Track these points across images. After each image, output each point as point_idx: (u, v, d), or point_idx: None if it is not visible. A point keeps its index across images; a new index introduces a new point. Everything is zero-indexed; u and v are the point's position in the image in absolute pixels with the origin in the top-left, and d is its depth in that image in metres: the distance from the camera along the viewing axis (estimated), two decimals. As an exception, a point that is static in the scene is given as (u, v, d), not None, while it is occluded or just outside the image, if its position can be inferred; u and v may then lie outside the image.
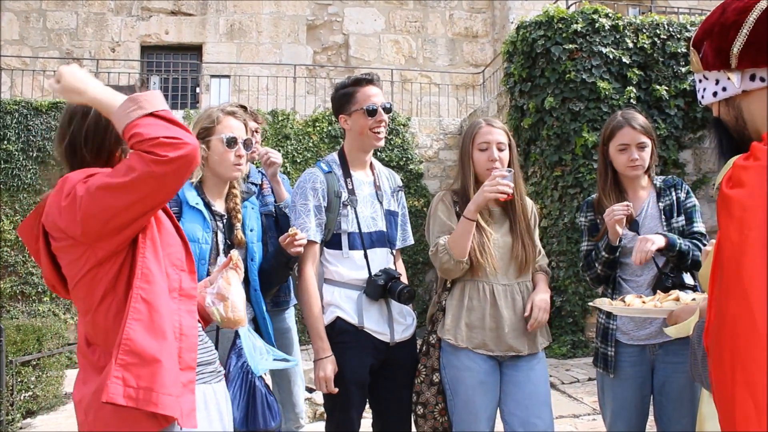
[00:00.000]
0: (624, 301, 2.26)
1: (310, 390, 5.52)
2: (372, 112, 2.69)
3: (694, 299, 1.94)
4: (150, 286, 1.62)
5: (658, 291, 2.31)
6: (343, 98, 2.76)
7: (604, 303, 2.33)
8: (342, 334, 2.63)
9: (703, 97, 1.27)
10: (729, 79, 1.19)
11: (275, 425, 2.22)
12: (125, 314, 1.57)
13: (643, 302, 2.19)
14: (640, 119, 2.77)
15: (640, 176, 2.78)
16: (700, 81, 1.28)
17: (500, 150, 2.66)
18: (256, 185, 3.30)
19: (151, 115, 1.53)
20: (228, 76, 13.68)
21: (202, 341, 1.95)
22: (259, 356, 2.24)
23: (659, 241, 2.55)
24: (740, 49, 1.15)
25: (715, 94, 1.23)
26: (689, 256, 2.61)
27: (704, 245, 2.64)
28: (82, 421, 1.64)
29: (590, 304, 2.51)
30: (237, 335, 2.27)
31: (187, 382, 1.66)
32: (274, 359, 2.29)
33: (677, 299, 2.00)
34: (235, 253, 2.26)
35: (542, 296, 2.65)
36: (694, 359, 1.29)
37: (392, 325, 2.69)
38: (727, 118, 1.24)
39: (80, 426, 1.67)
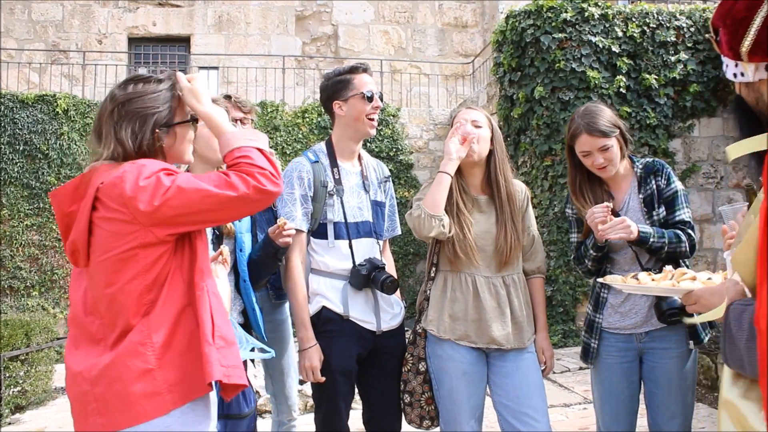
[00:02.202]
0: (637, 279, 2.17)
1: (301, 382, 5.51)
2: (370, 98, 2.70)
3: (710, 278, 1.86)
4: (213, 282, 1.87)
5: (670, 269, 2.20)
6: (339, 84, 2.74)
7: (616, 280, 2.26)
8: (327, 323, 2.63)
9: (725, 73, 1.29)
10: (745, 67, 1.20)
11: (248, 410, 2.29)
12: (198, 305, 1.75)
13: (653, 280, 2.11)
14: (599, 121, 2.62)
15: (616, 172, 2.69)
16: (722, 57, 1.29)
17: (477, 127, 2.65)
18: None
19: (260, 150, 1.80)
20: (216, 68, 13.59)
21: None
22: (239, 344, 2.24)
23: (633, 232, 2.49)
24: (748, 49, 1.15)
25: (735, 75, 1.24)
26: (663, 250, 2.56)
27: (689, 234, 2.61)
28: (87, 390, 1.72)
29: (599, 280, 2.46)
30: None
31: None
32: (251, 350, 2.29)
33: (694, 278, 1.92)
34: (225, 249, 2.24)
35: (547, 341, 2.79)
36: (730, 344, 1.25)
37: (378, 313, 2.69)
38: (748, 98, 1.25)
39: (84, 396, 1.73)
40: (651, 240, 2.53)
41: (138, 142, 1.82)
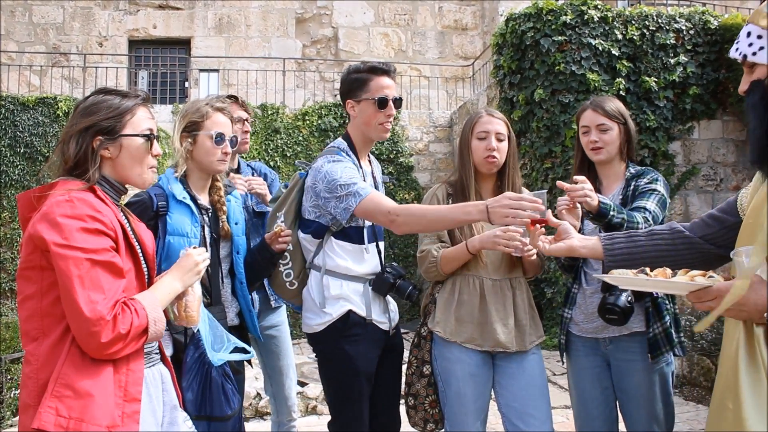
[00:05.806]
0: (647, 273, 1.99)
1: (301, 384, 5.52)
2: (383, 104, 2.56)
3: (712, 277, 1.78)
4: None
5: (683, 270, 2.06)
6: (355, 83, 2.61)
7: (626, 274, 1.96)
8: (354, 327, 2.55)
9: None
10: None
11: (231, 412, 2.27)
12: (64, 352, 1.69)
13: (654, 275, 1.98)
14: (607, 103, 2.70)
15: (609, 162, 2.70)
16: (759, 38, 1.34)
17: (499, 140, 2.64)
18: None
19: (146, 331, 1.75)
20: (217, 70, 13.62)
21: None
22: (219, 345, 2.24)
23: (593, 198, 2.38)
24: None
25: None
26: (622, 228, 2.40)
27: (645, 218, 2.46)
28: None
29: (600, 276, 2.10)
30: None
31: (131, 412, 1.74)
32: (232, 351, 2.27)
33: (704, 275, 1.82)
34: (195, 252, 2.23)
35: None
36: None
37: (389, 313, 2.69)
38: None
39: None
40: (611, 213, 2.41)
41: (80, 152, 1.81)
